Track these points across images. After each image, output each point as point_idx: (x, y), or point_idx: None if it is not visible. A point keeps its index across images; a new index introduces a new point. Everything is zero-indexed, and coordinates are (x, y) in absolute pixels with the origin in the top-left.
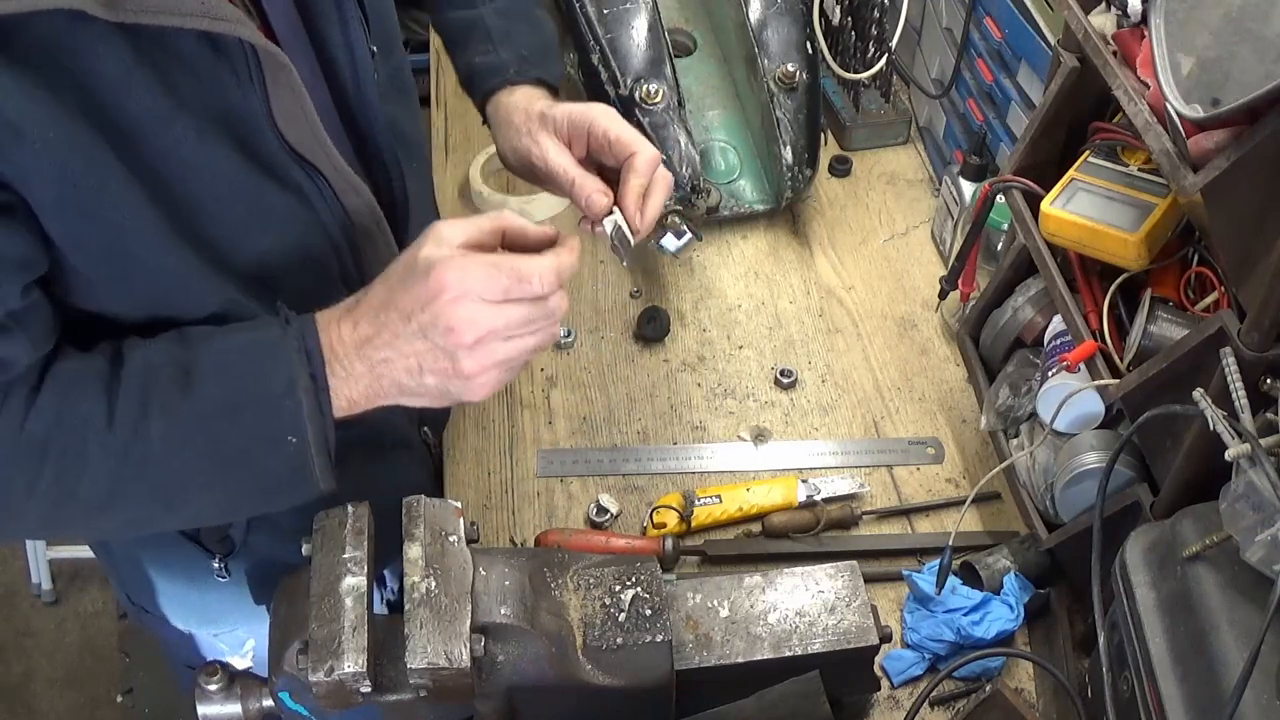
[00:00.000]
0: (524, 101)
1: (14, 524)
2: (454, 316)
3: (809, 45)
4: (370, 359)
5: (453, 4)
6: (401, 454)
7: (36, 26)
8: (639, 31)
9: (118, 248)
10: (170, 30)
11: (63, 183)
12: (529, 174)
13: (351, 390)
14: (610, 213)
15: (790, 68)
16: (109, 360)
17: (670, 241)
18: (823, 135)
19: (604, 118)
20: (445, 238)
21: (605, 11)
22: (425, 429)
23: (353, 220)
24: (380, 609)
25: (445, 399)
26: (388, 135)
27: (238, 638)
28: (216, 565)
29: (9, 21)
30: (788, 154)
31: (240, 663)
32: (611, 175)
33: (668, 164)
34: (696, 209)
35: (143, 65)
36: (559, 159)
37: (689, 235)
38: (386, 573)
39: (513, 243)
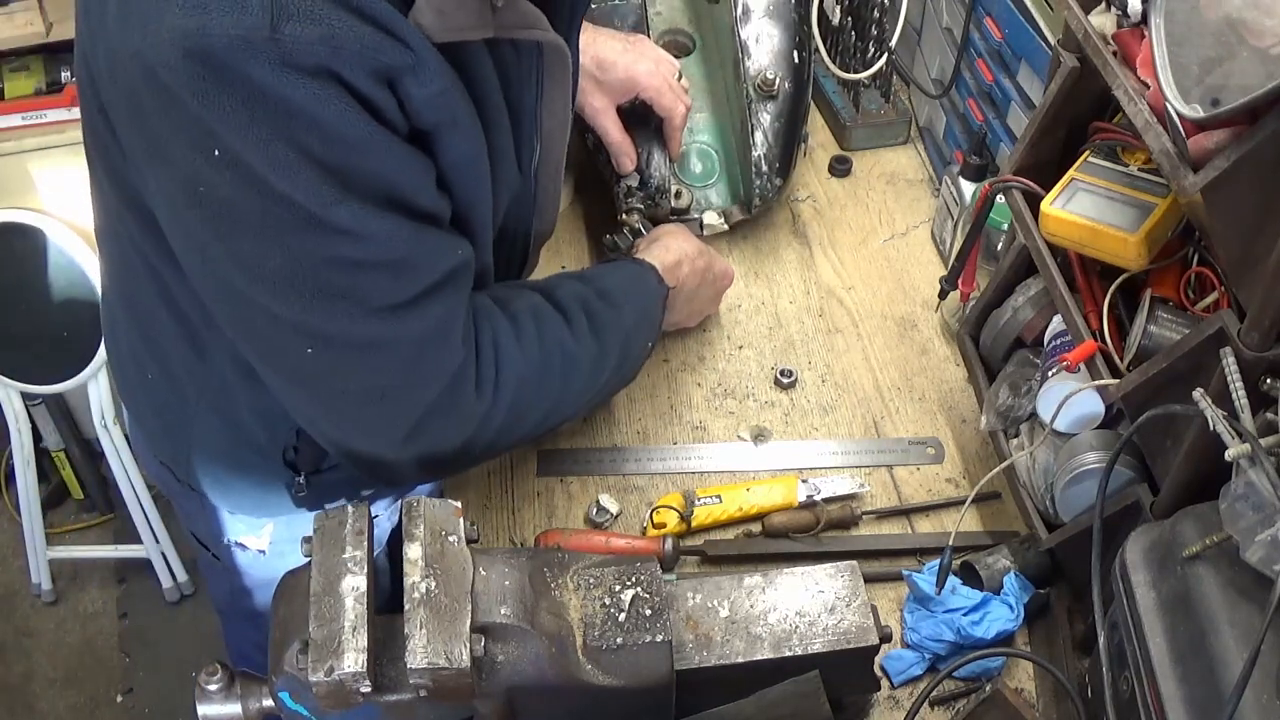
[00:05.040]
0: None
1: (552, 421)
2: (720, 285)
3: (796, 54)
4: (684, 293)
5: None
6: None
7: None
8: (624, 30)
9: (473, 218)
10: (501, 41)
11: (465, 164)
12: None
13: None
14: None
15: (770, 75)
16: (540, 297)
17: None
18: (801, 147)
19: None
20: (697, 243)
21: (594, 7)
22: None
23: (538, 181)
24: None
25: (673, 321)
26: None
27: (259, 522)
28: (300, 480)
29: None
30: (759, 161)
31: (255, 543)
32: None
33: (646, 161)
34: (661, 209)
35: (492, 72)
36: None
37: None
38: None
39: None
